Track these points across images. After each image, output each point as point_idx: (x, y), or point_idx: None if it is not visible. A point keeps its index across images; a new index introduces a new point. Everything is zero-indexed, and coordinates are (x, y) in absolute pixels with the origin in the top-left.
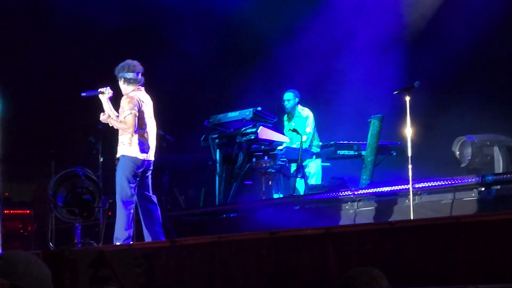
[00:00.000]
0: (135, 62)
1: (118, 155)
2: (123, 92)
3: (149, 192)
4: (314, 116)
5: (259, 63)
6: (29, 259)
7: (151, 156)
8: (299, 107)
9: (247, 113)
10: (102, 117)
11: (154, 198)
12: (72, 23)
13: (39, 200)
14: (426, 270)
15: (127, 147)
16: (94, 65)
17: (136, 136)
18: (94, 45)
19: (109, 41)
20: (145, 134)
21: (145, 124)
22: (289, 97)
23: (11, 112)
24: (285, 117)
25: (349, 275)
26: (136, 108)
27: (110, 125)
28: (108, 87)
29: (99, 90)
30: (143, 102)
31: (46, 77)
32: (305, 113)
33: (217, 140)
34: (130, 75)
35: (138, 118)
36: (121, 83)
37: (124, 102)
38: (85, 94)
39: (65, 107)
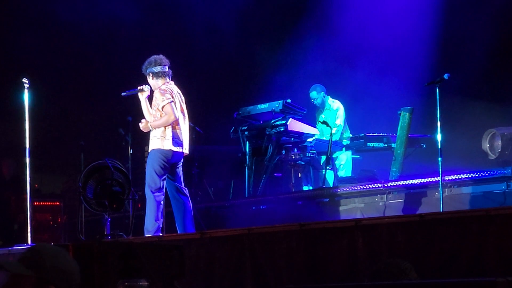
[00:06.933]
0: (161, 56)
1: (149, 149)
2: (154, 87)
3: (181, 184)
4: (344, 108)
5: (288, 55)
6: (56, 252)
7: (184, 149)
8: (330, 99)
9: (277, 105)
10: (142, 125)
11: (186, 191)
12: (98, 18)
13: (69, 191)
14: (457, 262)
15: (160, 140)
16: (122, 57)
17: (170, 129)
18: (121, 38)
19: (134, 36)
20: (178, 127)
21: (177, 117)
22: (314, 96)
23: (41, 104)
24: (317, 110)
25: (378, 268)
26: (171, 98)
27: (153, 129)
28: (148, 85)
29: (139, 87)
30: (175, 94)
31: (76, 68)
32: (336, 106)
33: (246, 132)
34: (158, 68)
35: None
36: (150, 79)
37: (157, 94)
38: (125, 93)
39: (94, 99)
